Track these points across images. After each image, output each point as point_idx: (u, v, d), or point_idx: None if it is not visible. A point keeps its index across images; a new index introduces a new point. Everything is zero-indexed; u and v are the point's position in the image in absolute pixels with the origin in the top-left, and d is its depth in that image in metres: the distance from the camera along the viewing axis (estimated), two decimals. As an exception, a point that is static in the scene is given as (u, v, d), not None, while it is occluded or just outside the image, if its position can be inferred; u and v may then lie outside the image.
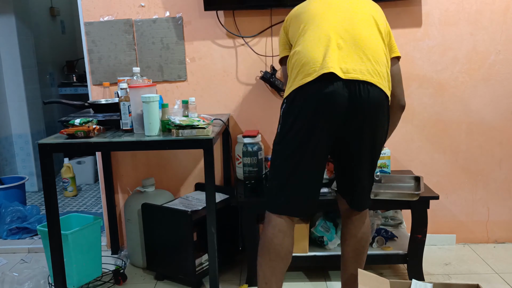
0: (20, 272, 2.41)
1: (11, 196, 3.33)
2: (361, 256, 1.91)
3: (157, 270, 2.46)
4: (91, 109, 2.36)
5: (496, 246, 2.73)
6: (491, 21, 2.55)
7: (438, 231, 2.74)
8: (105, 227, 2.82)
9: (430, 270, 2.44)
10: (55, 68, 4.74)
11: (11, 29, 3.88)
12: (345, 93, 1.60)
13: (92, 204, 3.76)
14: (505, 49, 2.57)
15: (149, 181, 2.55)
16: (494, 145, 2.67)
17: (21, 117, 4.04)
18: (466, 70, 2.60)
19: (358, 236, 1.88)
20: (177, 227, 2.29)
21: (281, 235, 1.72)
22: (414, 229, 2.23)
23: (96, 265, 2.37)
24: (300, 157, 1.68)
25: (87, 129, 2.01)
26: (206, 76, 2.67)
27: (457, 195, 2.72)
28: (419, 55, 2.59)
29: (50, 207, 2.01)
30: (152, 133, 2.03)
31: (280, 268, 1.75)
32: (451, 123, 2.65)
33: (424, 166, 2.67)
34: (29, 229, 3.07)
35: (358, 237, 1.89)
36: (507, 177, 2.69)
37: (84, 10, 2.63)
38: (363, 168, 1.77)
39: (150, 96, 2.00)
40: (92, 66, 2.68)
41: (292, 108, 1.67)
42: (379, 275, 1.85)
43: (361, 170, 1.78)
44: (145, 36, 2.64)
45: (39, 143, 1.98)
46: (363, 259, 1.92)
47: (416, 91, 2.63)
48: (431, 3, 2.54)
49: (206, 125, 2.01)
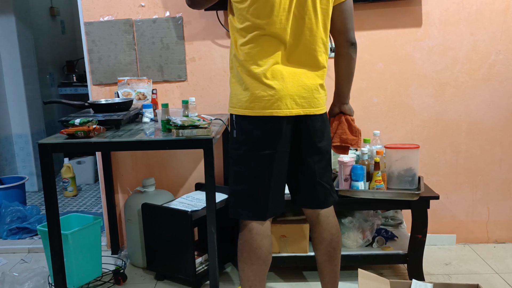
0: (20, 272, 2.41)
1: (11, 196, 3.33)
2: (334, 258, 1.87)
3: (157, 270, 2.46)
4: (91, 109, 2.36)
5: (496, 246, 2.73)
6: (491, 21, 2.55)
7: (438, 231, 2.74)
8: (105, 227, 2.82)
9: (430, 270, 2.44)
10: (55, 68, 4.74)
11: (11, 29, 3.88)
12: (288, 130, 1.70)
13: (92, 204, 3.76)
14: (505, 49, 2.57)
15: (149, 181, 2.55)
16: (494, 145, 2.67)
17: (21, 117, 4.04)
18: (466, 70, 2.60)
19: (328, 238, 1.84)
20: (177, 227, 2.29)
21: (259, 238, 1.72)
22: (414, 229, 2.23)
23: (96, 265, 2.37)
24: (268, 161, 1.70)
25: (87, 129, 2.01)
26: (206, 76, 2.67)
27: (457, 195, 2.72)
28: (419, 55, 2.59)
29: (50, 207, 2.01)
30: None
31: (262, 270, 1.76)
32: (451, 123, 2.65)
33: (424, 166, 2.67)
34: (29, 229, 3.07)
35: (328, 240, 1.84)
36: (507, 177, 2.69)
37: (84, 10, 2.63)
38: (314, 162, 1.78)
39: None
40: (92, 66, 2.68)
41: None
42: (379, 275, 1.86)
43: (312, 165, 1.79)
44: (145, 36, 2.64)
45: (39, 143, 1.98)
46: (337, 260, 1.89)
47: (416, 91, 2.63)
48: (431, 3, 2.54)
49: (207, 125, 2.01)
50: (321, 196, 1.83)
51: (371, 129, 2.60)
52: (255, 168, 1.70)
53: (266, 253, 1.74)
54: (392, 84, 2.63)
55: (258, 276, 1.75)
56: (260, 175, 1.70)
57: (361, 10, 2.53)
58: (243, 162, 1.72)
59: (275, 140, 1.68)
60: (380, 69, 2.62)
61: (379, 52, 2.60)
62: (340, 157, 2.26)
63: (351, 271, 2.35)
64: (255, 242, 1.72)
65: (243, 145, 1.71)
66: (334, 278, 1.89)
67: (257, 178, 1.71)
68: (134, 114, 2.37)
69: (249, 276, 1.75)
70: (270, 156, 1.68)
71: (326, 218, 1.84)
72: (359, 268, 1.85)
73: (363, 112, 2.65)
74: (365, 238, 2.35)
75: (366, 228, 2.35)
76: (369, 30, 2.58)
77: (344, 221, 2.34)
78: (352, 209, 2.37)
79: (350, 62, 1.83)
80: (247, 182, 1.72)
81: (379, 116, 2.66)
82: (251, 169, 1.71)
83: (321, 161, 1.80)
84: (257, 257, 1.73)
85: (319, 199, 1.83)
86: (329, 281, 1.88)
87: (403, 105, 2.65)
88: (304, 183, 1.82)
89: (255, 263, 1.73)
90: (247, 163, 1.71)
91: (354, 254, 2.31)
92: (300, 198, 1.86)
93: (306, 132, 1.74)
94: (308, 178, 1.81)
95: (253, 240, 1.72)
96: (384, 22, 2.56)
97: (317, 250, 1.87)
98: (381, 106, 2.66)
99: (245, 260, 1.75)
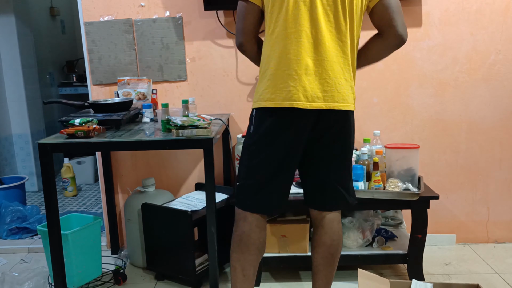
0: (20, 272, 2.41)
1: (11, 196, 3.33)
2: (330, 264, 1.84)
3: (157, 270, 2.46)
4: (91, 109, 2.36)
5: (496, 246, 2.73)
6: (491, 21, 2.55)
7: (438, 231, 2.74)
8: (105, 227, 2.82)
9: (430, 270, 2.44)
10: (55, 68, 4.74)
11: (11, 29, 3.88)
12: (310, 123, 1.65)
13: (92, 204, 3.76)
14: (505, 49, 2.57)
15: (149, 181, 2.55)
16: (494, 145, 2.67)
17: (21, 117, 4.04)
18: (466, 70, 2.60)
19: (327, 243, 1.81)
20: (177, 227, 2.29)
21: (258, 230, 1.75)
22: (414, 229, 2.23)
23: (96, 265, 2.37)
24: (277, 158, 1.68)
25: (87, 129, 2.01)
26: (206, 76, 2.67)
27: (457, 195, 2.72)
28: (419, 55, 2.59)
29: (50, 207, 2.01)
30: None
31: (257, 261, 1.78)
32: (451, 123, 2.65)
33: (424, 166, 2.67)
34: (29, 229, 3.07)
35: (327, 245, 1.81)
36: (507, 177, 2.69)
37: (84, 10, 2.63)
38: (331, 165, 1.74)
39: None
40: (92, 66, 2.68)
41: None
42: (379, 275, 1.86)
43: (329, 168, 1.75)
44: (145, 36, 2.64)
45: (39, 143, 1.98)
46: (333, 266, 1.85)
47: (416, 91, 2.63)
48: (431, 3, 2.54)
49: (207, 125, 2.01)
50: (331, 199, 1.79)
51: (371, 129, 2.61)
52: (269, 163, 1.70)
53: (263, 245, 1.78)
54: (392, 84, 2.63)
55: (253, 266, 1.77)
56: (267, 167, 1.70)
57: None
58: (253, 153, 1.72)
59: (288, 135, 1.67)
60: (380, 69, 2.62)
61: (379, 52, 2.60)
62: (340, 157, 2.26)
63: (351, 271, 2.36)
64: (255, 234, 1.74)
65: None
66: (327, 284, 1.87)
67: (261, 170, 1.71)
68: (134, 114, 2.37)
69: (244, 266, 1.77)
70: (284, 151, 1.67)
71: (330, 223, 1.80)
72: (359, 268, 1.86)
73: (363, 112, 2.65)
74: (365, 238, 2.35)
75: (366, 228, 2.35)
76: (369, 30, 2.57)
77: (344, 221, 2.34)
78: (352, 209, 2.37)
79: (388, 53, 1.79)
80: (253, 173, 1.73)
81: (379, 116, 2.66)
82: (259, 160, 1.71)
83: (339, 163, 1.76)
84: (255, 248, 1.75)
85: (328, 202, 1.80)
86: (321, 285, 1.87)
87: (403, 105, 2.65)
88: (316, 183, 1.79)
89: (253, 254, 1.75)
90: (255, 154, 1.71)
91: (354, 254, 2.31)
92: (311, 197, 1.83)
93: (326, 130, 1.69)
94: (320, 179, 1.78)
95: (253, 232, 1.74)
96: (384, 22, 2.56)
97: (315, 252, 1.86)
98: (381, 106, 2.66)
99: (241, 251, 1.76)
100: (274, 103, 1.62)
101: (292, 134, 1.65)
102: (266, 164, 1.69)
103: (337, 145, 1.71)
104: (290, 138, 1.66)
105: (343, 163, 1.76)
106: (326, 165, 1.74)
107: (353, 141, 1.77)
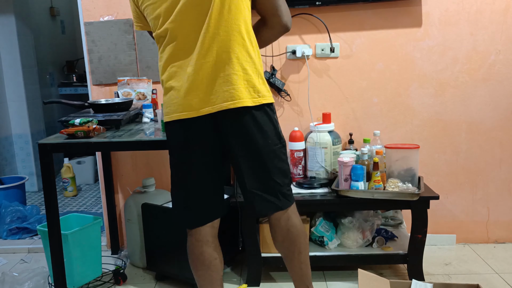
0: (20, 272, 2.41)
1: (11, 196, 3.33)
2: (291, 259, 1.76)
3: (157, 270, 2.46)
4: (91, 109, 2.36)
5: (496, 246, 2.73)
6: (491, 21, 2.55)
7: (438, 231, 2.74)
8: (105, 227, 2.82)
9: (430, 270, 2.44)
10: (55, 68, 4.74)
11: (11, 29, 3.88)
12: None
13: (92, 204, 3.76)
14: (505, 49, 2.57)
15: (149, 181, 2.55)
16: (494, 145, 2.67)
17: (21, 117, 4.04)
18: (466, 70, 2.60)
19: (279, 240, 1.75)
20: (177, 227, 2.28)
21: (199, 244, 1.71)
22: (414, 229, 2.23)
23: (96, 265, 2.37)
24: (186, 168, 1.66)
25: (87, 129, 2.01)
26: (206, 76, 2.67)
27: (457, 195, 2.72)
28: (419, 55, 2.59)
29: (50, 207, 2.01)
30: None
31: (209, 276, 1.72)
32: (451, 123, 2.65)
33: (424, 166, 2.67)
34: (29, 229, 3.07)
35: (279, 242, 1.75)
36: (507, 177, 2.69)
37: (84, 10, 2.63)
38: (245, 172, 1.65)
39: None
40: (92, 66, 2.68)
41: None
42: (379, 275, 1.86)
43: (243, 175, 1.66)
44: (145, 36, 2.64)
45: (39, 143, 1.98)
46: (296, 261, 1.77)
47: (416, 91, 2.63)
48: (431, 3, 2.54)
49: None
50: (259, 206, 1.69)
51: (371, 129, 2.61)
52: (179, 176, 1.68)
53: (210, 259, 1.71)
54: (392, 84, 2.63)
55: (206, 281, 1.73)
56: (182, 182, 1.68)
57: (361, 10, 2.54)
58: (172, 169, 1.72)
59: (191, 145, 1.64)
60: (380, 69, 2.62)
61: (379, 52, 2.60)
62: (340, 157, 2.27)
63: (351, 271, 2.36)
64: (196, 249, 1.71)
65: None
66: (301, 277, 1.79)
67: (179, 186, 1.70)
68: (134, 114, 2.37)
69: (198, 281, 1.76)
70: (188, 163, 1.65)
71: (277, 221, 1.72)
72: (359, 268, 1.86)
73: (363, 112, 2.65)
74: (365, 238, 2.35)
75: (366, 228, 2.35)
76: (369, 30, 2.58)
77: (344, 221, 2.34)
78: (352, 209, 2.37)
79: (274, 37, 1.78)
80: (175, 190, 1.72)
81: (379, 116, 2.66)
82: (177, 177, 1.70)
83: (255, 165, 1.64)
84: (200, 263, 1.71)
85: (257, 209, 1.70)
86: (293, 278, 1.81)
87: (403, 105, 2.65)
88: (242, 192, 1.72)
89: (200, 269, 1.72)
90: (173, 170, 1.71)
91: (354, 254, 2.31)
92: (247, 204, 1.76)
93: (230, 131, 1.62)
94: (242, 188, 1.70)
95: (194, 246, 1.71)
96: (384, 22, 2.56)
97: (277, 248, 1.81)
98: (381, 106, 2.66)
99: (191, 266, 1.75)
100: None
101: (190, 143, 1.63)
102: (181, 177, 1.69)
103: (242, 147, 1.62)
104: (191, 148, 1.64)
105: (256, 165, 1.64)
106: (241, 173, 1.66)
107: (268, 137, 1.62)
